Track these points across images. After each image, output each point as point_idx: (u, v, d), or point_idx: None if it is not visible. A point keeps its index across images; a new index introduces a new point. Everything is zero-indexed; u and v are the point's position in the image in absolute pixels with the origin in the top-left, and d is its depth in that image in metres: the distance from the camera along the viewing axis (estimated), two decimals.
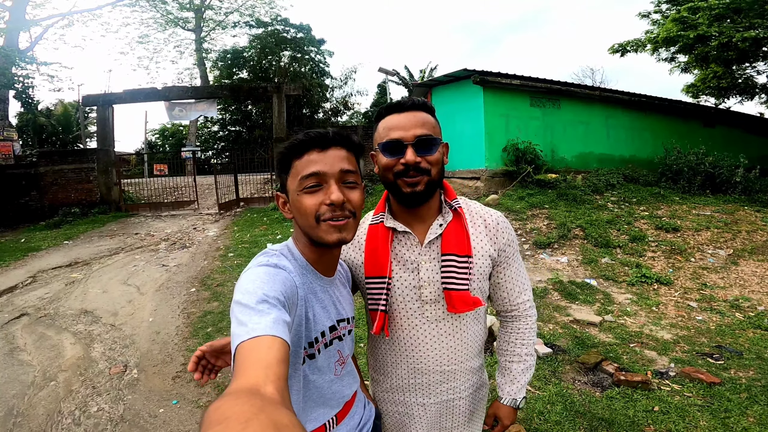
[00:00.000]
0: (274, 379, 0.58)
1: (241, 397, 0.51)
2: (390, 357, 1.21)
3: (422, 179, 1.06)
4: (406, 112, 1.08)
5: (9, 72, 14.11)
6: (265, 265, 0.84)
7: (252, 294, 0.74)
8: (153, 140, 29.75)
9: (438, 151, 1.08)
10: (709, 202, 7.65)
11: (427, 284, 1.11)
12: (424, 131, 1.06)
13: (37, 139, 20.07)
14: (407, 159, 1.04)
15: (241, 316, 0.70)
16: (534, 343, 1.25)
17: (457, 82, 10.01)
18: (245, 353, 0.63)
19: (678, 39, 10.32)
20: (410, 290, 1.13)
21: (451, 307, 1.09)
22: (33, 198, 12.52)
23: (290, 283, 0.84)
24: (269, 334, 0.66)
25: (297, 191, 0.89)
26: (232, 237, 8.44)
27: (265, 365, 0.60)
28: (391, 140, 1.06)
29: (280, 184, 0.97)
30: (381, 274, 1.12)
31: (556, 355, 3.30)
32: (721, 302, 4.52)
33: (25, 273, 6.38)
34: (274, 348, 0.64)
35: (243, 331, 0.67)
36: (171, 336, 4.01)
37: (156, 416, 2.77)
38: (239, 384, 0.56)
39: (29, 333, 4.19)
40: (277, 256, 0.90)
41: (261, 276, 0.80)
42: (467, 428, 1.26)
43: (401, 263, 1.14)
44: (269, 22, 20.43)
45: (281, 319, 0.70)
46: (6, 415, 2.80)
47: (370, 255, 1.14)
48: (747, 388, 2.79)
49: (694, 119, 11.46)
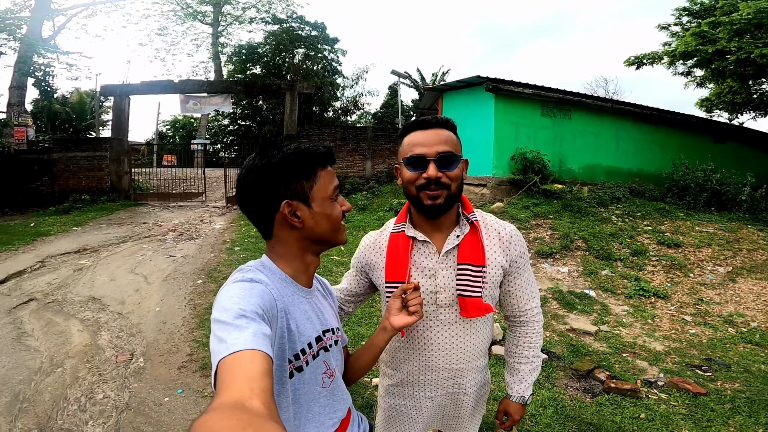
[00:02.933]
0: (259, 392, 0.57)
1: (227, 412, 0.49)
2: (403, 354, 1.31)
3: (443, 193, 1.14)
4: (430, 129, 1.17)
5: (30, 60, 14.33)
6: (240, 281, 0.84)
7: (229, 310, 0.73)
8: (164, 131, 30.03)
9: (458, 167, 1.16)
10: (714, 219, 7.67)
11: (443, 290, 1.20)
12: (446, 148, 1.14)
13: (51, 126, 20.33)
14: (429, 174, 1.12)
15: (220, 333, 0.69)
16: (540, 345, 1.34)
17: (469, 88, 10.07)
18: (227, 369, 0.62)
19: (696, 53, 10.30)
20: (427, 295, 1.22)
21: (464, 312, 1.19)
22: (44, 183, 12.70)
23: (268, 296, 0.83)
24: (250, 348, 0.64)
25: (330, 199, 0.96)
26: (238, 230, 8.55)
27: (248, 379, 0.59)
28: (414, 155, 1.14)
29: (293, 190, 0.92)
30: (400, 280, 1.20)
31: (551, 361, 3.39)
32: (716, 317, 4.59)
33: (34, 257, 6.44)
34: (256, 361, 0.63)
35: (222, 348, 0.65)
36: (177, 326, 4.09)
37: (161, 405, 2.81)
38: (224, 399, 0.55)
39: (37, 318, 4.22)
40: (253, 271, 0.90)
41: (237, 292, 0.79)
42: (469, 421, 1.37)
43: (419, 270, 1.22)
44: (285, 19, 20.56)
45: (261, 332, 0.70)
46: (12, 401, 2.82)
47: (391, 261, 1.23)
48: (731, 399, 2.88)
49: (704, 134, 11.38)
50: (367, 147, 13.09)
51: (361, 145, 13.20)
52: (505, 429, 1.36)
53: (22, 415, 2.67)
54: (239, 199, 0.98)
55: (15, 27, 13.58)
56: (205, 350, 3.55)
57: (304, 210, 0.93)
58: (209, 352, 3.11)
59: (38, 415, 2.67)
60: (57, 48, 15.49)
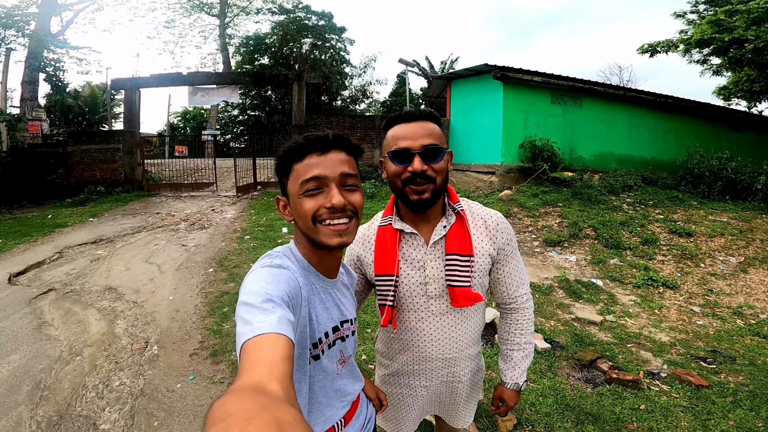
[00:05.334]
0: (279, 376, 0.58)
1: (245, 394, 0.50)
2: (397, 345, 1.34)
3: (428, 187, 1.15)
4: (414, 122, 1.17)
5: (41, 55, 14.51)
6: (268, 266, 0.86)
7: (256, 294, 0.75)
8: (175, 123, 30.28)
9: (443, 159, 1.16)
10: (728, 208, 7.54)
11: (433, 281, 1.22)
12: (430, 141, 1.14)
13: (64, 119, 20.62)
14: (414, 167, 1.13)
15: (246, 316, 0.71)
16: (532, 332, 1.37)
17: (477, 76, 9.98)
18: (250, 351, 0.63)
19: (712, 41, 10.07)
20: (417, 286, 1.24)
21: (454, 302, 1.21)
22: (60, 176, 12.95)
23: (294, 283, 0.85)
24: (274, 331, 0.66)
25: (298, 194, 0.90)
26: (248, 219, 8.64)
27: (269, 363, 0.60)
28: (399, 149, 1.15)
29: (281, 188, 0.96)
30: (389, 272, 1.22)
31: (554, 350, 3.41)
32: (725, 309, 4.54)
33: (52, 248, 6.58)
34: (279, 345, 0.64)
35: (248, 330, 0.67)
36: (189, 314, 4.20)
37: (173, 391, 2.89)
38: (244, 381, 0.56)
39: (56, 308, 4.33)
40: (280, 257, 0.92)
41: (265, 276, 0.81)
42: (464, 407, 1.41)
43: (408, 262, 1.24)
44: (291, 9, 20.44)
45: (286, 318, 0.71)
46: (33, 389, 2.91)
47: (380, 254, 1.25)
48: (734, 392, 2.86)
49: (721, 123, 11.16)
50: (376, 136, 13.05)
51: (369, 133, 13.18)
52: (501, 415, 1.40)
53: (44, 403, 2.76)
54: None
55: (23, 23, 13.73)
56: (215, 338, 3.65)
57: (289, 206, 0.95)
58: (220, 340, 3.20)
59: (58, 403, 2.76)
60: (66, 43, 15.67)
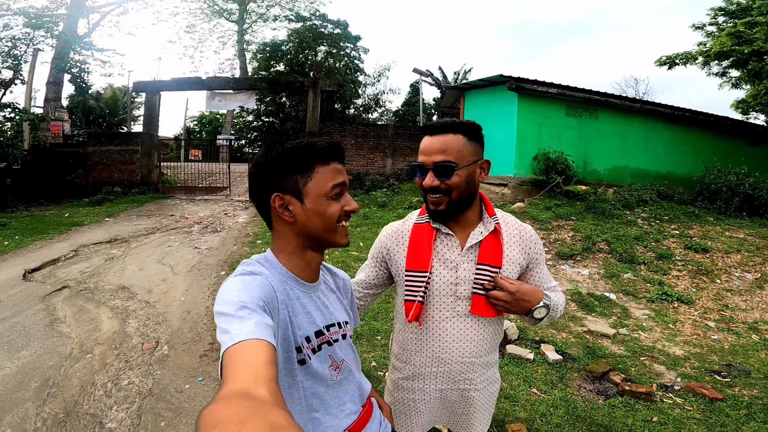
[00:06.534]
0: (265, 381, 0.57)
1: (234, 400, 0.50)
2: (414, 345, 1.33)
3: (443, 200, 1.19)
4: (435, 136, 1.20)
5: (67, 57, 14.90)
6: (240, 275, 0.87)
7: (230, 303, 0.75)
8: (191, 127, 30.80)
9: (456, 175, 1.17)
10: (745, 224, 7.40)
11: (463, 282, 1.24)
12: (443, 157, 1.16)
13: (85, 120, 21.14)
14: (425, 183, 1.20)
15: (223, 325, 0.71)
16: (563, 304, 1.33)
17: (491, 87, 9.98)
18: (232, 359, 0.63)
19: (732, 53, 9.98)
20: (447, 286, 1.25)
21: (474, 309, 1.23)
22: (78, 175, 13.24)
23: (267, 287, 0.85)
24: (253, 338, 0.66)
25: (326, 196, 0.92)
26: (260, 224, 8.67)
27: (253, 368, 0.60)
28: (416, 164, 1.23)
29: (285, 184, 0.93)
30: (422, 269, 1.24)
31: (565, 362, 3.36)
32: (740, 324, 4.45)
33: (68, 246, 6.68)
34: (260, 351, 0.64)
35: (227, 339, 0.67)
36: (200, 316, 4.23)
37: (182, 391, 2.88)
38: (230, 388, 0.56)
39: (69, 305, 4.35)
40: (253, 264, 0.92)
41: (237, 285, 0.81)
42: (478, 419, 1.37)
43: (442, 261, 1.26)
44: (308, 16, 20.78)
45: (263, 322, 0.71)
46: (41, 386, 2.88)
47: (413, 250, 1.27)
48: (748, 405, 2.81)
49: (739, 137, 10.99)
50: (388, 145, 13.13)
51: (381, 142, 13.25)
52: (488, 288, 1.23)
53: (51, 400, 2.74)
54: (249, 190, 1.01)
55: (52, 24, 14.12)
56: None
57: (297, 205, 0.93)
58: None
59: (66, 400, 2.74)
60: (92, 45, 16.05)
